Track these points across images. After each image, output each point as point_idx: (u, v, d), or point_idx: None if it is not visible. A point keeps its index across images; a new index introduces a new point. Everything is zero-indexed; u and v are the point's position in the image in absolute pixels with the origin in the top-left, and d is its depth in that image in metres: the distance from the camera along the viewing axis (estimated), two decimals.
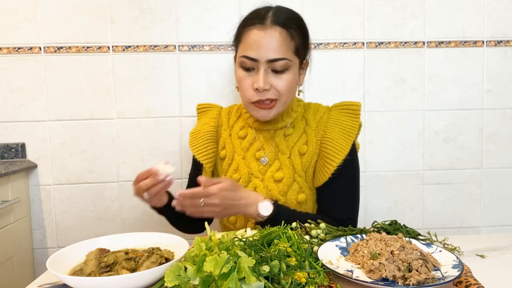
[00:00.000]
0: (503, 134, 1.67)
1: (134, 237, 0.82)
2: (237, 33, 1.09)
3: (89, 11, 1.52)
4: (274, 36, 1.00)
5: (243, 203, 0.97)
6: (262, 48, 1.00)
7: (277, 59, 1.00)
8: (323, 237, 0.83)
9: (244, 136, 1.15)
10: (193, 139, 1.19)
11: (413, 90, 1.63)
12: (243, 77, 1.05)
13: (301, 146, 1.11)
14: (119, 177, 1.59)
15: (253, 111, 1.07)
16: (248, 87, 1.04)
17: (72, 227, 1.59)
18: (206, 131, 1.18)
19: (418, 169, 1.66)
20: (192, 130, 1.22)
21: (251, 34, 1.02)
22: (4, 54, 1.52)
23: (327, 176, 1.07)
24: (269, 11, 1.04)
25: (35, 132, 1.55)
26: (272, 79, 1.02)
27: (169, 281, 0.58)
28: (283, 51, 1.01)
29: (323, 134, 1.11)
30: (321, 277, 0.65)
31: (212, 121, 1.20)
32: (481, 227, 1.71)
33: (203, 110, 1.27)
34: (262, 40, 1.00)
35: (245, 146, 1.15)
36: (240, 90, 1.08)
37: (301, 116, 1.16)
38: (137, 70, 1.56)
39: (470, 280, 0.65)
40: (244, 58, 1.02)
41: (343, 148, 1.07)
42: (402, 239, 0.74)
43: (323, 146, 1.10)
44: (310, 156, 1.10)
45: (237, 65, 1.07)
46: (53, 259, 0.70)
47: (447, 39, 1.62)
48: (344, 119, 1.12)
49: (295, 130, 1.13)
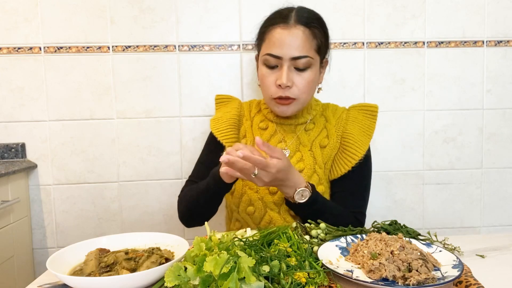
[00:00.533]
0: (503, 134, 1.67)
1: (134, 237, 0.82)
2: (260, 33, 1.12)
3: (89, 11, 1.52)
4: (298, 35, 1.04)
5: (286, 184, 0.97)
6: (285, 46, 1.04)
7: (300, 56, 1.04)
8: (323, 237, 0.83)
9: (265, 127, 1.18)
10: (215, 124, 1.20)
11: (413, 90, 1.63)
12: (266, 74, 1.09)
13: (322, 139, 1.15)
14: (119, 177, 1.59)
15: (274, 106, 1.11)
16: (271, 84, 1.08)
17: (72, 227, 1.59)
18: (229, 118, 1.21)
19: (418, 169, 1.66)
20: (214, 117, 1.24)
21: (275, 32, 1.06)
22: (4, 54, 1.52)
23: (347, 169, 1.10)
24: (292, 11, 1.08)
25: (35, 132, 1.55)
26: (294, 76, 1.06)
27: (169, 281, 0.58)
28: (306, 49, 1.05)
29: (344, 129, 1.15)
30: (321, 277, 0.65)
31: (235, 110, 1.23)
32: (481, 227, 1.71)
33: (222, 101, 1.30)
34: (286, 38, 1.04)
35: (266, 137, 1.17)
36: (262, 87, 1.12)
37: (320, 114, 1.20)
38: (137, 70, 1.56)
39: (470, 280, 0.65)
40: (268, 55, 1.06)
41: (364, 144, 1.12)
42: (402, 239, 0.74)
43: (344, 140, 1.13)
44: (330, 149, 1.14)
45: (261, 63, 1.10)
46: (53, 259, 0.70)
47: (447, 39, 1.62)
48: (362, 119, 1.17)
49: (315, 126, 1.17)
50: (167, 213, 1.62)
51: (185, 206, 1.13)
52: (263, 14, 1.13)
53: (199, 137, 1.59)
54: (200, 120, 1.59)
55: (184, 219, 1.15)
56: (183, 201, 1.15)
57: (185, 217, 1.15)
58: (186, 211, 1.13)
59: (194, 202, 1.09)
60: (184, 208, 1.14)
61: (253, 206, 1.12)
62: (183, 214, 1.15)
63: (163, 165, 1.60)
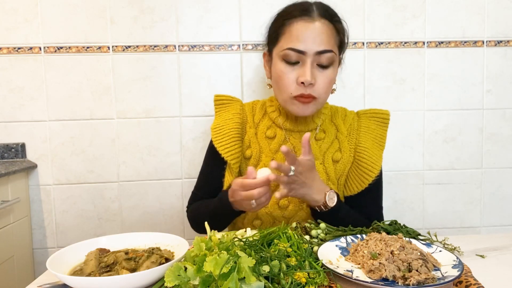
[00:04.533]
0: (503, 134, 1.67)
1: (134, 237, 0.82)
2: (277, 26, 1.03)
3: (89, 11, 1.52)
4: (322, 28, 0.98)
5: (314, 187, 0.93)
6: (310, 39, 0.97)
7: (325, 50, 0.98)
8: (323, 237, 0.83)
9: (273, 136, 1.10)
10: (217, 135, 1.10)
11: (413, 90, 1.63)
12: (285, 71, 1.00)
13: (334, 153, 1.09)
14: (119, 177, 1.59)
15: (292, 105, 1.02)
16: (291, 81, 1.00)
17: (72, 227, 1.59)
18: (232, 128, 1.11)
19: (418, 169, 1.66)
20: (214, 125, 1.14)
21: (297, 25, 0.98)
22: (4, 54, 1.52)
23: (363, 187, 1.06)
24: (312, 4, 1.02)
25: (35, 132, 1.55)
26: (316, 73, 0.99)
27: (169, 281, 0.58)
28: (331, 44, 0.99)
29: (357, 142, 1.09)
30: (321, 277, 0.65)
31: (237, 117, 1.13)
32: (481, 227, 1.71)
33: (222, 103, 1.18)
34: (310, 32, 0.97)
35: (274, 147, 1.09)
36: (279, 85, 1.03)
37: (329, 119, 1.13)
38: (137, 70, 1.56)
39: (470, 280, 0.65)
40: (290, 50, 0.98)
41: (378, 159, 1.07)
42: (402, 239, 0.74)
43: (359, 156, 1.08)
44: (344, 164, 1.08)
45: (278, 59, 1.02)
46: (53, 259, 0.70)
47: (447, 39, 1.62)
48: (375, 128, 1.12)
49: (326, 135, 1.10)
50: (167, 213, 1.62)
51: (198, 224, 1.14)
52: (263, 14, 1.13)
53: (199, 137, 1.60)
54: (200, 120, 1.59)
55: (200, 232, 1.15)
56: (194, 218, 1.15)
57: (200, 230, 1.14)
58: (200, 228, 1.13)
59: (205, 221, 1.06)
60: (196, 225, 1.15)
61: (260, 220, 1.09)
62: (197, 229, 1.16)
63: (163, 165, 1.60)
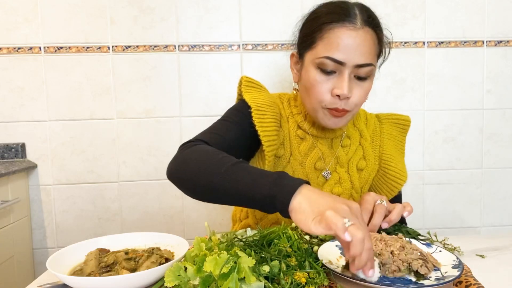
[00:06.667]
0: (503, 134, 1.67)
1: (134, 237, 0.82)
2: (314, 29, 0.92)
3: (89, 11, 1.52)
4: (366, 39, 0.89)
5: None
6: (352, 51, 0.88)
7: (365, 64, 0.89)
8: (323, 237, 0.83)
9: (303, 137, 1.02)
10: (259, 115, 0.93)
11: (413, 90, 1.63)
12: (319, 80, 0.91)
13: (359, 161, 1.05)
14: (119, 177, 1.59)
15: (323, 117, 0.94)
16: (325, 92, 0.91)
17: (72, 227, 1.59)
18: (274, 113, 0.97)
19: (418, 169, 1.66)
20: (255, 99, 0.96)
21: (340, 33, 0.89)
22: (4, 54, 1.52)
23: (393, 195, 1.03)
24: (353, 7, 0.91)
25: (35, 132, 1.55)
26: (353, 85, 0.91)
27: (169, 281, 0.58)
28: (372, 57, 0.91)
29: (381, 150, 1.06)
30: (321, 277, 0.64)
31: (275, 106, 0.99)
32: (481, 227, 1.71)
33: (251, 85, 1.02)
34: (353, 42, 0.88)
35: (303, 150, 1.01)
36: (310, 93, 0.93)
37: (352, 123, 1.08)
38: (137, 70, 1.56)
39: (470, 280, 0.65)
40: (327, 59, 0.89)
41: (404, 169, 1.03)
42: (402, 239, 0.74)
43: (385, 164, 1.05)
44: (368, 172, 1.05)
45: (312, 65, 0.92)
46: (53, 259, 0.70)
47: (447, 39, 1.62)
48: (396, 134, 1.09)
49: (351, 142, 1.05)
50: (167, 213, 1.62)
51: (193, 177, 0.77)
52: (263, 14, 1.12)
53: None
54: (200, 120, 1.59)
55: (180, 182, 0.81)
56: (190, 165, 0.78)
57: (184, 183, 0.80)
58: (190, 182, 0.78)
59: (207, 180, 0.75)
60: (189, 175, 0.78)
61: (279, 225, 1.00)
62: (184, 181, 0.80)
63: (163, 165, 1.60)
